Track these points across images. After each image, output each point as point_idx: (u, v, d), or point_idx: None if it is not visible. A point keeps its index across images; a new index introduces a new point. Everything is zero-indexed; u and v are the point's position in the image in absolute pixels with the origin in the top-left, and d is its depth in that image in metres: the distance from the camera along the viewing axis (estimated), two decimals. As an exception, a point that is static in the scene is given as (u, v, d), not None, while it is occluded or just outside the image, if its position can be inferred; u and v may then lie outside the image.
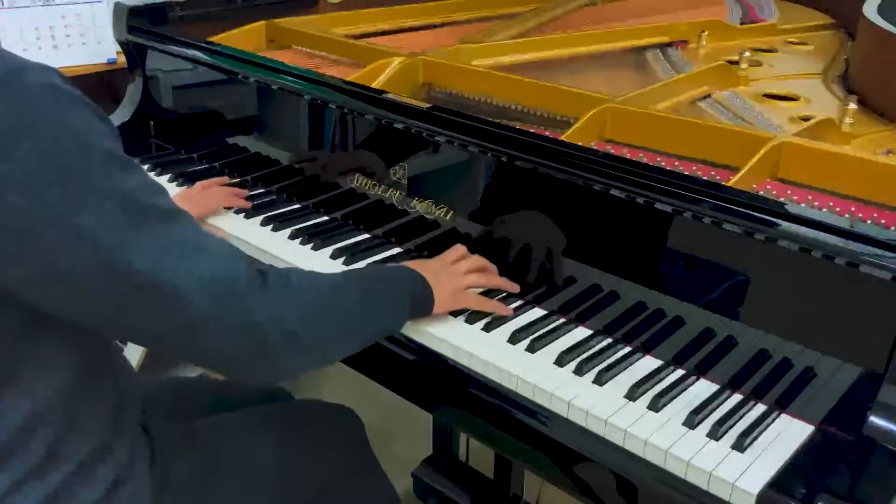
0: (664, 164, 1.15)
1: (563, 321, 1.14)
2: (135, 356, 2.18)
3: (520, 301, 1.19)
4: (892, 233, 0.95)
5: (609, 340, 1.10)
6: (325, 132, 1.45)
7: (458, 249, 1.20)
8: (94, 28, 2.20)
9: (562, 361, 1.05)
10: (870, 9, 1.54)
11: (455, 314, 1.14)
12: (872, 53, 1.51)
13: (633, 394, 0.99)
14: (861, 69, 1.54)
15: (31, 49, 2.15)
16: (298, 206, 1.48)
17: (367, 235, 1.38)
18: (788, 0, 2.20)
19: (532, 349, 1.07)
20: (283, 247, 1.34)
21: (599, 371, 1.02)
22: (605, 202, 1.08)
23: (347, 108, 1.38)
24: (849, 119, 1.30)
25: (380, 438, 1.43)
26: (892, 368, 0.88)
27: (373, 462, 1.32)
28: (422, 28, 1.88)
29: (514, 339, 1.09)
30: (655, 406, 0.97)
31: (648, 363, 1.06)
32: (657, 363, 1.06)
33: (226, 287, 0.80)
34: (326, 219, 1.44)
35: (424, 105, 1.28)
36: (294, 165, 1.50)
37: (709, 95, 1.43)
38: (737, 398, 0.99)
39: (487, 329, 1.11)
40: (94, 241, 0.73)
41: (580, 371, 1.03)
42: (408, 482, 1.88)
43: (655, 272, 1.07)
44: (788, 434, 0.94)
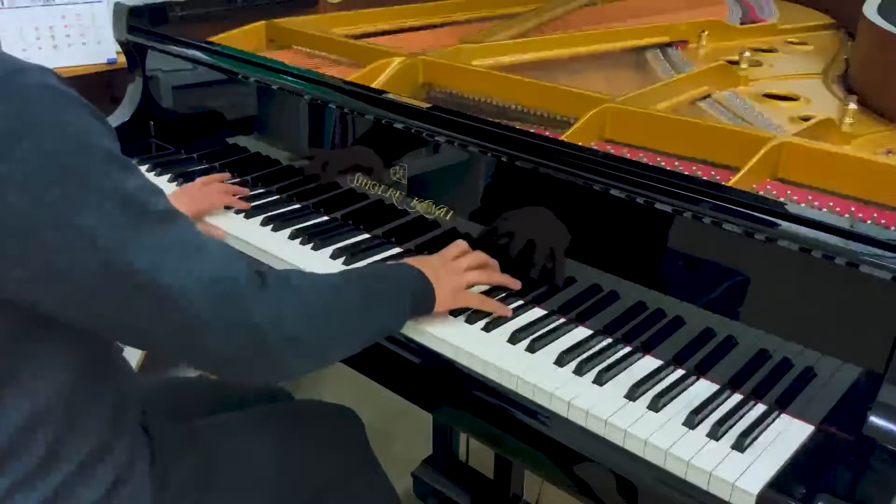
0: (664, 164, 1.15)
1: (563, 321, 1.14)
2: (134, 356, 2.18)
3: (520, 301, 1.19)
4: (892, 233, 0.95)
5: (609, 340, 1.10)
6: (325, 132, 1.45)
7: (459, 245, 1.19)
8: (94, 28, 2.20)
9: (562, 361, 1.05)
10: (870, 9, 1.54)
11: (455, 314, 1.14)
12: (872, 53, 1.51)
13: (633, 394, 0.99)
14: (861, 69, 1.54)
15: (31, 49, 2.15)
16: (298, 206, 1.48)
17: (367, 235, 1.38)
18: (788, 0, 2.20)
19: (532, 349, 1.07)
20: (283, 247, 1.34)
21: (599, 371, 1.02)
22: (605, 202, 1.09)
23: (347, 108, 1.38)
24: (849, 119, 1.30)
25: (380, 438, 1.43)
26: (892, 368, 0.88)
27: (373, 462, 1.32)
28: (422, 28, 1.88)
29: (514, 339, 1.09)
30: (655, 406, 0.97)
31: (648, 363, 1.06)
32: (657, 363, 1.06)
33: (225, 288, 0.80)
34: (326, 219, 1.44)
35: (424, 105, 1.28)
36: (294, 165, 1.50)
37: (709, 95, 1.43)
38: (737, 398, 0.99)
39: (487, 329, 1.11)
40: (94, 241, 0.73)
41: (580, 371, 1.03)
42: (408, 482, 1.88)
43: (655, 272, 1.07)
44: (788, 434, 0.94)
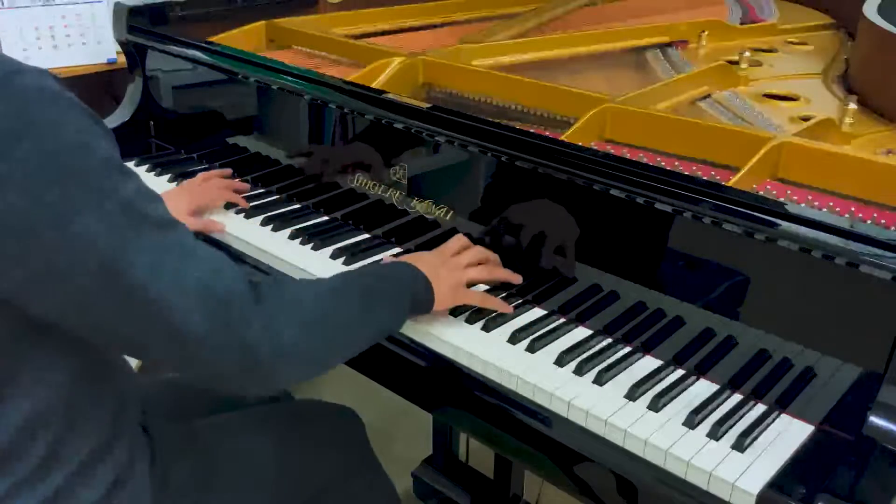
0: (664, 164, 1.15)
1: (563, 321, 1.14)
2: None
3: (520, 301, 1.19)
4: (892, 233, 0.95)
5: (609, 340, 1.10)
6: (325, 132, 1.45)
7: (459, 240, 1.19)
8: (94, 28, 2.20)
9: (562, 361, 1.05)
10: (870, 9, 1.54)
11: (455, 314, 1.14)
12: (872, 53, 1.51)
13: (633, 394, 0.99)
14: (861, 69, 1.54)
15: (31, 49, 2.15)
16: (298, 206, 1.48)
17: (367, 235, 1.38)
18: (788, 0, 2.20)
19: (532, 349, 1.07)
20: (283, 247, 1.34)
21: (599, 371, 1.02)
22: (605, 202, 1.09)
23: (347, 108, 1.38)
24: (849, 119, 1.30)
25: (380, 438, 1.43)
26: (892, 368, 0.88)
27: (373, 462, 1.32)
28: (422, 28, 1.88)
29: (514, 339, 1.09)
30: (655, 406, 0.97)
31: (648, 363, 1.06)
32: (657, 363, 1.06)
33: (219, 300, 0.79)
34: (326, 219, 1.44)
35: (424, 105, 1.28)
36: (294, 165, 1.50)
37: (709, 95, 1.43)
38: (737, 398, 0.99)
39: (487, 329, 1.11)
40: (94, 242, 0.73)
41: (580, 371, 1.03)
42: (408, 482, 1.88)
43: (655, 272, 1.07)
44: (788, 434, 0.94)
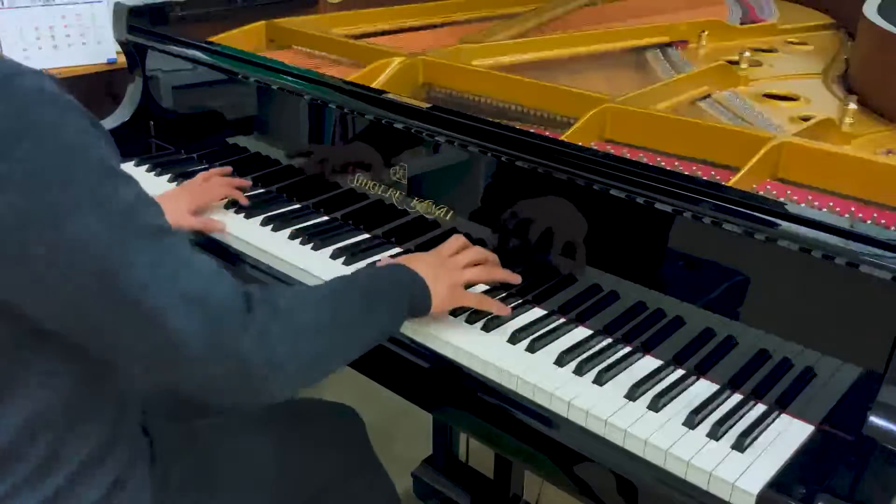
0: (664, 164, 1.15)
1: (563, 321, 1.14)
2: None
3: (520, 301, 1.19)
4: (892, 233, 0.95)
5: (609, 340, 1.10)
6: (325, 132, 1.45)
7: (457, 240, 1.18)
8: (94, 28, 2.20)
9: (562, 361, 1.05)
10: (870, 9, 1.54)
11: (455, 314, 1.13)
12: (872, 53, 1.51)
13: (633, 394, 0.99)
14: (861, 69, 1.54)
15: (31, 49, 2.15)
16: (298, 206, 1.48)
17: (367, 235, 1.38)
18: (788, 0, 2.20)
19: (532, 349, 1.07)
20: (283, 247, 1.34)
21: (599, 371, 1.02)
22: (605, 202, 1.08)
23: (347, 108, 1.38)
24: (849, 119, 1.30)
25: (380, 438, 1.43)
26: (892, 368, 0.88)
27: (373, 461, 1.32)
28: (422, 28, 1.88)
29: (514, 339, 1.09)
30: (655, 406, 0.97)
31: (648, 363, 1.06)
32: (657, 363, 1.06)
33: (212, 310, 0.78)
34: (326, 219, 1.44)
35: (424, 105, 1.28)
36: (294, 165, 1.50)
37: (709, 95, 1.43)
38: (737, 398, 0.99)
39: (487, 329, 1.11)
40: (88, 246, 0.73)
41: (580, 371, 1.03)
42: (408, 482, 1.88)
43: (655, 272, 1.07)
44: (788, 434, 0.94)
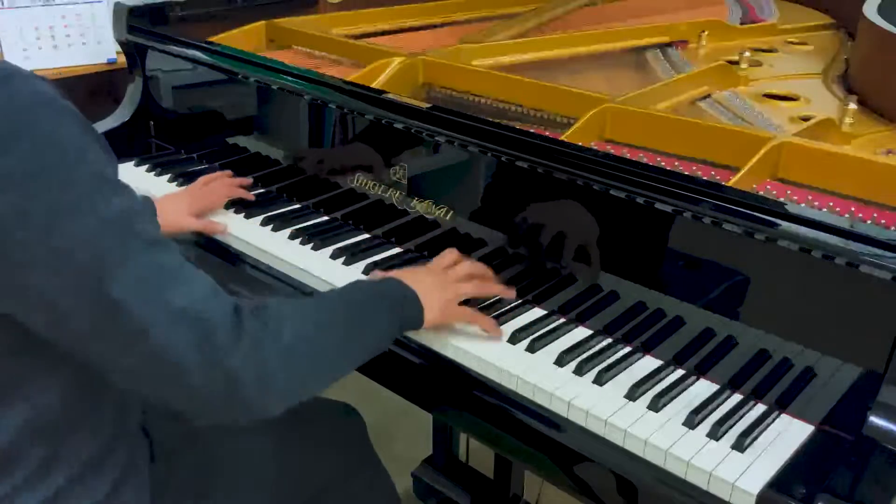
0: (664, 164, 1.15)
1: (563, 321, 1.14)
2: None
3: (520, 301, 1.18)
4: (892, 233, 0.95)
5: (609, 340, 1.10)
6: (325, 132, 1.45)
7: (451, 254, 1.17)
8: (94, 28, 2.20)
9: (562, 361, 1.05)
10: (870, 9, 1.54)
11: (455, 314, 1.13)
12: (872, 53, 1.50)
13: (633, 394, 0.99)
14: (861, 69, 1.54)
15: (31, 49, 2.15)
16: (298, 206, 1.48)
17: (367, 235, 1.38)
18: (788, 0, 2.20)
19: (532, 349, 1.07)
20: (283, 247, 1.34)
21: (599, 371, 1.02)
22: (605, 202, 1.08)
23: (347, 108, 1.38)
24: (849, 119, 1.30)
25: (380, 438, 1.43)
26: (892, 368, 0.88)
27: (374, 460, 1.32)
28: (422, 28, 1.88)
29: (514, 339, 1.09)
30: (655, 406, 0.97)
31: (648, 363, 1.06)
32: (657, 363, 1.06)
33: (203, 322, 0.76)
34: (326, 219, 1.44)
35: (424, 105, 1.28)
36: (294, 165, 1.50)
37: (709, 95, 1.43)
38: (737, 398, 0.99)
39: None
40: (76, 253, 0.72)
41: (580, 371, 1.03)
42: (408, 482, 1.88)
43: (655, 272, 1.07)
44: (788, 434, 0.94)
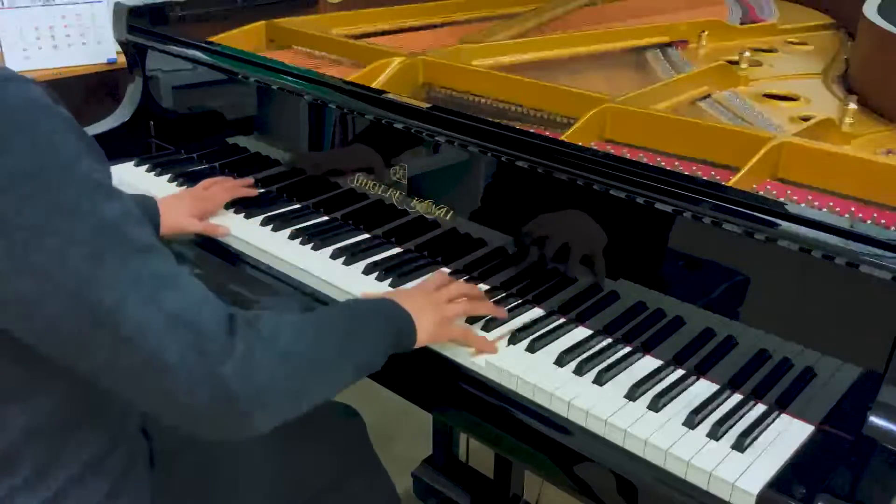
0: (664, 164, 1.15)
1: (563, 321, 1.14)
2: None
3: (520, 301, 1.18)
4: (892, 233, 0.95)
5: (609, 340, 1.10)
6: (325, 132, 1.45)
7: (441, 275, 1.17)
8: (94, 28, 2.20)
9: (562, 361, 1.05)
10: (870, 9, 1.54)
11: (455, 314, 1.13)
12: (872, 53, 1.51)
13: (633, 394, 0.99)
14: (861, 69, 1.54)
15: (31, 49, 2.15)
16: (298, 206, 1.48)
17: (367, 235, 1.38)
18: (788, 0, 2.20)
19: (532, 349, 1.07)
20: (283, 247, 1.34)
21: (599, 371, 1.02)
22: (605, 202, 1.09)
23: (347, 108, 1.38)
24: (849, 119, 1.30)
25: (380, 438, 1.43)
26: (892, 368, 0.88)
27: (374, 460, 1.32)
28: (422, 28, 1.88)
29: (514, 339, 1.09)
30: (655, 406, 0.97)
31: (648, 363, 1.06)
32: (657, 363, 1.06)
33: (195, 330, 0.75)
34: (326, 219, 1.44)
35: (424, 105, 1.28)
36: (294, 165, 1.50)
37: (709, 95, 1.43)
38: (737, 398, 0.99)
39: (487, 329, 1.11)
40: (67, 258, 0.72)
41: (580, 371, 1.03)
42: (408, 482, 1.88)
43: (655, 272, 1.07)
44: (788, 434, 0.94)
